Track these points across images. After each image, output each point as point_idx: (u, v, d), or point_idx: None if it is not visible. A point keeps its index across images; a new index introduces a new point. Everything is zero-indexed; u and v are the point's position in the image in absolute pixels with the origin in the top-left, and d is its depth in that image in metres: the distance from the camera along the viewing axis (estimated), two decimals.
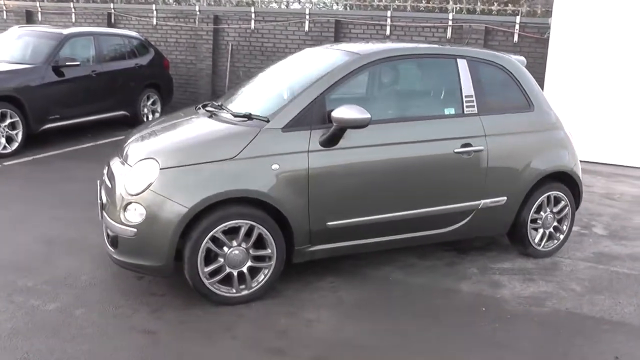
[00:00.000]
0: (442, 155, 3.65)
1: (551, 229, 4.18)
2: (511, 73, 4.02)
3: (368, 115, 3.18)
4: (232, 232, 3.17)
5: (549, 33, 8.33)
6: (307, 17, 9.55)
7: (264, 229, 3.20)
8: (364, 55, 3.54)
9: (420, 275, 3.82)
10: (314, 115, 3.32)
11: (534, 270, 3.97)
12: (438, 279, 3.78)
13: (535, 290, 3.66)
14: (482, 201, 3.84)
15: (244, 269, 3.24)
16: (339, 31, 9.45)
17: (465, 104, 3.77)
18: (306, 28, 9.60)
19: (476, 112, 3.79)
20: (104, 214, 3.35)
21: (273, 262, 3.29)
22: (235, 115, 3.48)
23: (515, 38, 8.69)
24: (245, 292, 3.26)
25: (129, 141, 3.68)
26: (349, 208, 3.43)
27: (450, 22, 8.96)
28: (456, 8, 9.36)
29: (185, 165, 3.11)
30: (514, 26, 8.67)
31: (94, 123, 7.63)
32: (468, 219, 3.84)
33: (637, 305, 3.51)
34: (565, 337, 3.11)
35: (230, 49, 9.91)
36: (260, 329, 3.05)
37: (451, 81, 3.79)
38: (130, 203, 3.11)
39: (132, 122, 8.30)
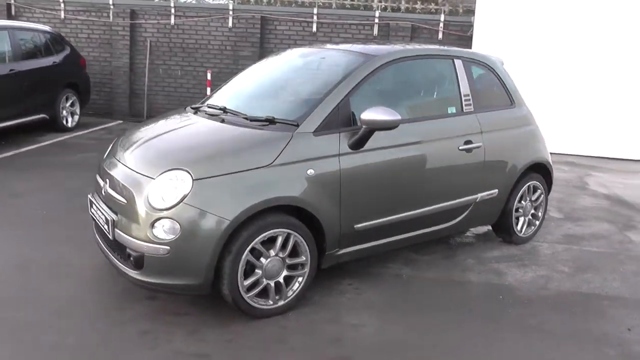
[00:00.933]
0: (451, 153, 3.78)
1: (529, 216, 4.51)
2: (496, 72, 4.26)
3: (398, 117, 3.20)
4: (267, 243, 3.03)
5: (472, 31, 8.92)
6: (231, 12, 9.28)
7: (299, 236, 3.10)
8: (380, 57, 3.54)
9: (427, 270, 3.92)
10: (339, 117, 3.27)
11: (522, 257, 4.26)
12: (445, 272, 3.91)
13: (533, 275, 3.93)
14: (479, 194, 4.03)
15: (280, 279, 3.11)
16: (264, 28, 9.31)
17: (464, 103, 3.94)
18: (230, 24, 9.32)
19: (473, 110, 3.97)
20: (117, 232, 3.02)
21: (306, 270, 3.20)
22: (253, 120, 3.32)
23: (440, 35, 9.17)
24: (281, 303, 3.14)
25: (125, 149, 3.34)
26: (375, 209, 3.43)
27: (376, 20, 9.22)
28: (381, 6, 9.64)
29: (221, 175, 2.90)
30: (439, 24, 9.14)
31: (8, 129, 6.80)
32: (467, 211, 4.01)
33: (621, 280, 3.91)
34: (580, 316, 3.37)
35: (149, 45, 9.33)
36: (312, 338, 2.96)
37: (451, 81, 3.93)
38: (159, 219, 2.84)
39: (52, 126, 7.56)
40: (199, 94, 9.40)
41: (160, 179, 2.93)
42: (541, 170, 4.50)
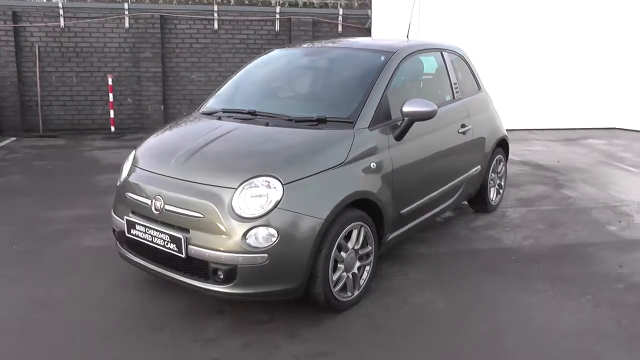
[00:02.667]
0: (455, 136, 4.19)
1: (497, 186, 5.13)
2: (467, 61, 4.76)
3: (436, 108, 3.49)
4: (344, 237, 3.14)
5: (369, 23, 9.48)
6: (127, 12, 8.72)
7: (367, 227, 3.25)
8: (398, 53, 3.78)
9: (439, 245, 4.30)
10: (382, 112, 3.46)
11: (501, 222, 4.85)
12: (454, 245, 4.33)
13: (523, 236, 4.51)
14: (470, 171, 4.51)
15: (355, 270, 3.24)
16: (164, 27, 8.91)
17: (454, 90, 4.36)
18: (127, 25, 8.76)
19: (461, 97, 4.41)
20: (193, 248, 2.89)
21: (372, 259, 3.37)
22: (300, 120, 3.36)
23: (340, 28, 9.58)
24: (356, 293, 3.28)
25: (170, 163, 3.17)
26: (414, 194, 3.70)
27: (278, 16, 9.34)
28: (280, 1, 9.76)
29: (306, 177, 2.95)
30: (338, 18, 9.54)
31: None
32: (462, 187, 4.46)
33: (588, 230, 4.66)
34: (580, 262, 4.00)
35: (37, 51, 8.37)
36: (401, 320, 3.16)
37: (444, 71, 4.32)
38: (252, 228, 2.80)
39: None
40: (99, 101, 8.72)
41: (247, 186, 2.87)
42: (503, 145, 5.13)
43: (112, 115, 8.58)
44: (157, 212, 3.06)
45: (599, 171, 6.69)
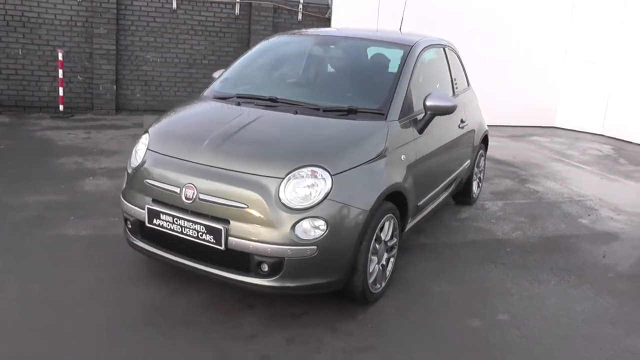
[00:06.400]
0: (456, 130, 4.32)
1: (478, 179, 5.35)
2: (459, 57, 4.89)
3: (456, 103, 3.59)
4: None
5: (329, 12, 9.46)
6: None
7: (395, 219, 3.30)
8: (416, 46, 3.84)
9: (436, 236, 4.43)
10: (406, 104, 3.50)
11: (485, 215, 5.07)
12: (450, 236, 4.49)
13: (509, 228, 4.76)
14: (464, 165, 4.68)
15: (384, 262, 3.28)
16: (120, 3, 8.38)
17: (454, 86, 4.48)
18: None
19: (458, 92, 4.55)
20: (234, 240, 2.80)
21: (395, 250, 3.42)
22: (329, 110, 3.33)
23: (300, 17, 9.48)
24: (383, 284, 3.32)
25: (201, 150, 3.02)
26: (429, 185, 3.79)
27: (238, 0, 9.08)
28: None
29: (352, 168, 2.94)
30: (298, 5, 9.43)
31: None
32: (457, 180, 4.62)
33: (564, 223, 4.99)
34: (568, 253, 4.28)
35: None
36: (432, 309, 3.27)
37: (446, 66, 4.43)
38: (303, 219, 2.75)
39: None
40: (46, 77, 8.07)
41: (291, 177, 2.81)
42: (484, 140, 5.35)
43: (61, 93, 7.96)
44: (189, 202, 2.92)
45: (554, 167, 7.16)
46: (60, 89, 7.98)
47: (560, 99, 10.42)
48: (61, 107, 8.01)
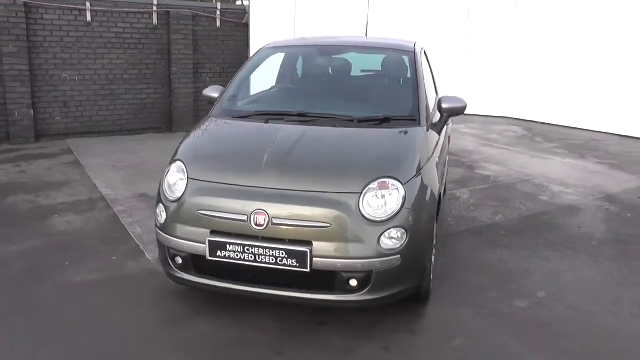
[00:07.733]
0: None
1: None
2: (429, 61, 5.19)
3: (466, 103, 3.85)
4: None
5: (247, 18, 9.40)
6: None
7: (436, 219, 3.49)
8: (415, 52, 4.05)
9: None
10: (428, 109, 3.70)
11: (460, 203, 5.46)
12: (444, 226, 4.78)
13: (491, 212, 5.19)
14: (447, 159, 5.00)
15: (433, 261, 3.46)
16: (29, 17, 7.62)
17: (436, 87, 4.77)
18: None
19: (439, 94, 4.85)
20: (319, 261, 2.81)
21: (434, 248, 3.61)
22: (364, 120, 3.42)
23: (218, 23, 9.30)
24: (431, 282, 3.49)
25: (259, 174, 2.98)
26: (440, 183, 4.01)
27: (155, 8, 8.69)
28: None
29: (416, 176, 3.06)
30: (216, 12, 9.24)
31: None
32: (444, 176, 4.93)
33: (530, 202, 5.53)
34: (553, 230, 4.78)
35: None
36: (477, 299, 3.51)
37: (428, 69, 4.69)
38: (386, 230, 2.84)
39: None
40: None
41: (368, 190, 2.88)
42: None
43: None
44: (260, 228, 2.87)
45: (488, 152, 7.82)
46: None
47: (467, 87, 11.29)
48: None
